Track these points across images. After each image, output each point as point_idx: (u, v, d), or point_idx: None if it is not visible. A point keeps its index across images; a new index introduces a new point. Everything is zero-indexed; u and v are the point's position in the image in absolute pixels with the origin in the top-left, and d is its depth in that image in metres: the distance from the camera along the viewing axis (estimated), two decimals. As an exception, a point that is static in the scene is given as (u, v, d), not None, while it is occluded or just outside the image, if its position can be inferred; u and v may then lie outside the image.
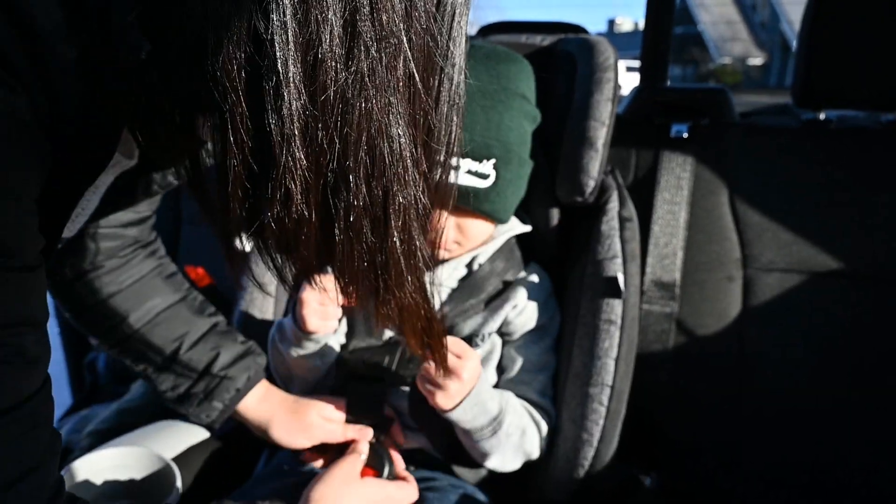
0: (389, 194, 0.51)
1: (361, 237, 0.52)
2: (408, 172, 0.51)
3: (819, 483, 1.30)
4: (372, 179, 0.49)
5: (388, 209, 0.52)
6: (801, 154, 1.34)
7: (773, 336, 1.33)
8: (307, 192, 0.48)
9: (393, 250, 0.54)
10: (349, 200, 0.50)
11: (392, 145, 0.49)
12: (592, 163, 1.07)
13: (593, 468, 1.00)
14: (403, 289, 0.58)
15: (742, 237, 1.35)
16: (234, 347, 0.99)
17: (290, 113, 0.45)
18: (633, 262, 1.05)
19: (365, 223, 0.51)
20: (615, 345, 1.00)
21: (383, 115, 0.48)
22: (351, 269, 0.54)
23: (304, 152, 0.47)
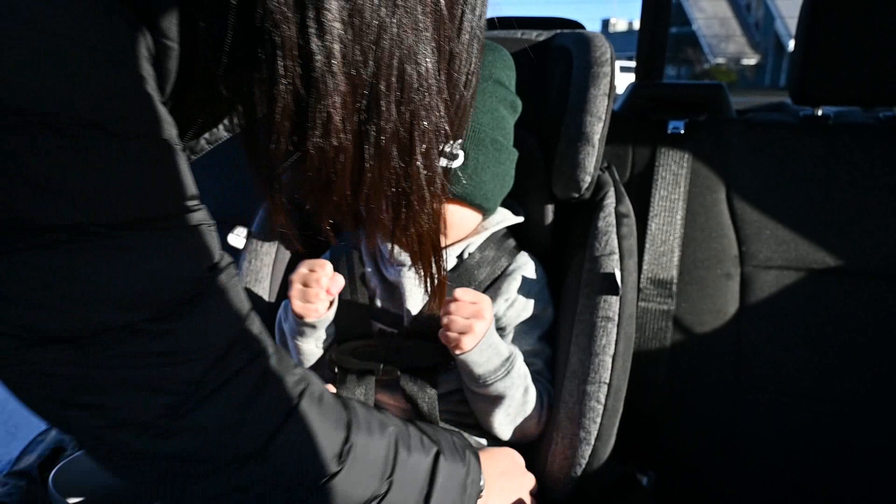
0: (416, 118, 0.55)
1: (389, 161, 0.56)
2: (432, 97, 0.55)
3: (817, 481, 1.30)
4: (401, 104, 0.54)
5: (414, 133, 0.56)
6: (799, 150, 1.33)
7: (771, 333, 1.32)
8: (345, 118, 0.52)
9: (416, 175, 0.59)
10: (380, 125, 0.54)
11: (419, 69, 0.53)
12: (588, 158, 1.06)
13: (590, 466, 0.99)
14: (423, 214, 0.63)
15: (739, 234, 1.34)
16: None
17: (332, 36, 0.49)
18: (631, 259, 1.05)
19: (393, 147, 0.55)
20: (612, 342, 0.99)
21: (412, 39, 0.52)
22: (378, 196, 0.58)
23: (343, 76, 0.50)
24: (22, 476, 1.08)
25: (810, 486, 1.30)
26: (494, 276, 1.05)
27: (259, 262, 1.19)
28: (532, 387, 1.00)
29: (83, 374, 0.47)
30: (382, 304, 1.06)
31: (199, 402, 0.50)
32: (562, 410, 1.00)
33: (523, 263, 1.07)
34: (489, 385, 0.94)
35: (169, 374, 0.49)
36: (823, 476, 1.30)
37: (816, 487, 1.30)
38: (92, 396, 0.48)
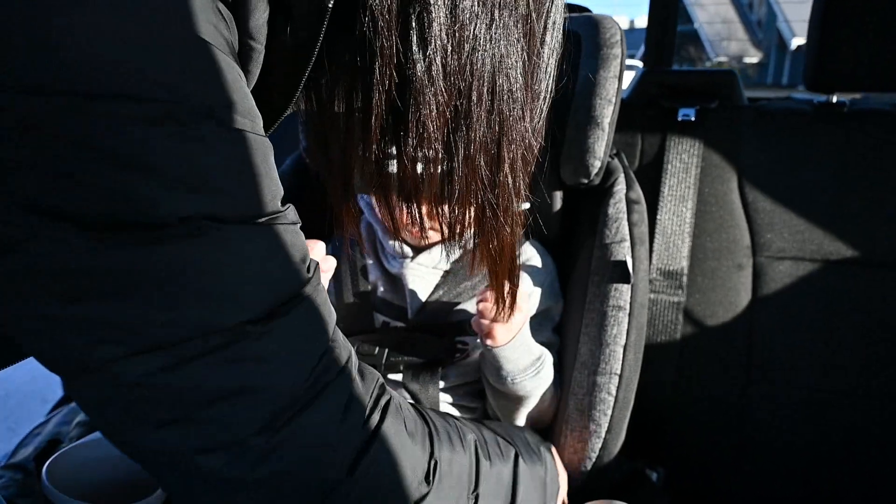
0: (504, 129, 0.55)
1: (477, 173, 0.56)
2: (519, 108, 0.56)
3: (829, 477, 1.27)
4: (491, 114, 0.54)
5: (502, 145, 0.56)
6: (813, 138, 1.30)
7: (784, 326, 1.29)
8: (440, 129, 0.53)
9: (504, 186, 0.59)
10: (469, 135, 0.54)
11: (510, 81, 0.54)
12: (598, 143, 1.03)
13: (601, 460, 0.96)
14: (507, 226, 0.62)
15: (752, 224, 1.32)
16: None
17: (434, 47, 0.50)
18: (642, 246, 1.02)
19: (481, 158, 0.56)
20: (623, 332, 0.97)
21: (504, 51, 0.53)
22: (465, 206, 0.59)
23: (442, 86, 0.51)
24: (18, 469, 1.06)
25: (822, 482, 1.28)
26: None
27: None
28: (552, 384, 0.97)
29: (182, 386, 0.44)
30: (385, 296, 1.03)
31: (298, 413, 0.47)
32: (571, 403, 0.97)
33: (532, 255, 1.05)
34: (516, 383, 0.91)
35: (268, 382, 0.46)
36: (835, 471, 1.27)
37: (828, 483, 1.27)
38: (188, 411, 0.44)
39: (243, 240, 0.45)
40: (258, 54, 0.51)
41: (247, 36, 0.50)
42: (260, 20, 0.50)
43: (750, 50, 23.30)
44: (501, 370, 0.89)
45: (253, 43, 0.50)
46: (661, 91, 1.42)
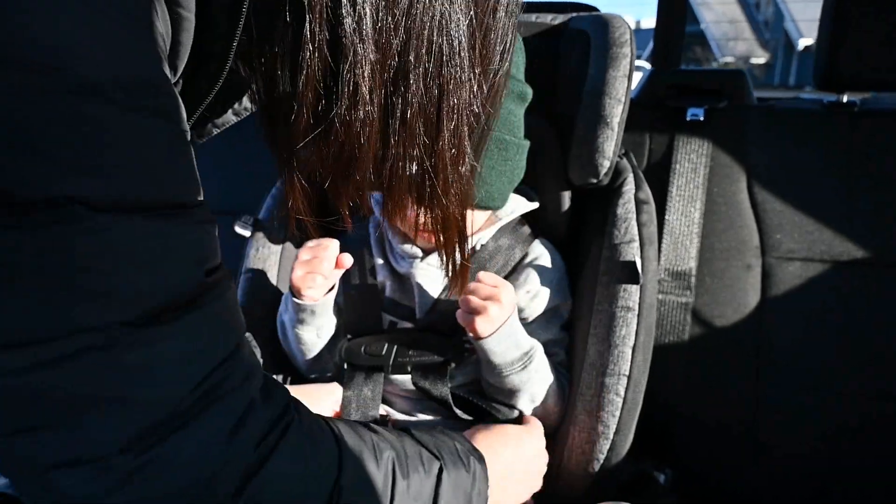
0: (444, 94, 0.52)
1: (415, 138, 0.53)
2: (463, 73, 0.52)
3: (840, 480, 1.26)
4: (429, 77, 0.51)
5: (442, 110, 0.53)
6: (823, 138, 1.29)
7: (793, 327, 1.28)
8: (373, 89, 0.50)
9: (443, 154, 0.56)
10: (406, 98, 0.51)
11: (451, 42, 0.51)
12: (608, 142, 1.02)
13: (608, 462, 0.95)
14: (449, 196, 0.59)
15: (761, 224, 1.31)
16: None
17: (364, 2, 0.47)
18: (651, 247, 1.01)
19: (419, 123, 0.53)
20: (632, 332, 0.96)
21: (446, 10, 0.50)
22: (402, 174, 0.55)
23: (373, 43, 0.48)
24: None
25: (832, 485, 1.26)
26: (510, 267, 1.02)
27: (266, 251, 1.16)
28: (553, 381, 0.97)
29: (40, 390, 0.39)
30: (393, 296, 1.03)
31: (174, 431, 0.42)
32: (579, 404, 0.97)
33: (541, 253, 1.04)
34: (504, 377, 0.91)
35: (142, 395, 0.41)
36: (845, 475, 1.26)
37: (838, 486, 1.26)
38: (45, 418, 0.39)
39: (123, 231, 0.40)
40: (188, 23, 0.48)
41: (175, 3, 0.47)
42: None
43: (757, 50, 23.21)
44: (490, 363, 0.90)
45: (182, 11, 0.47)
46: (670, 91, 1.41)
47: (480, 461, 0.72)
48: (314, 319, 0.98)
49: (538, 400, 0.95)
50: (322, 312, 0.98)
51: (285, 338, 1.03)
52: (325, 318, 0.99)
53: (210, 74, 0.54)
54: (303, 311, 0.97)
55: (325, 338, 1.01)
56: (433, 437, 0.70)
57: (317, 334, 1.00)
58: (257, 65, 0.53)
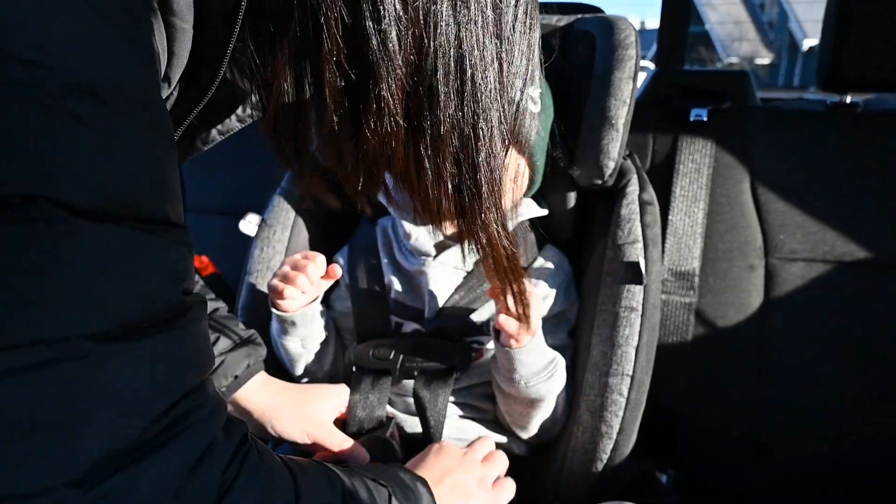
0: (477, 109, 0.53)
1: (448, 153, 0.54)
2: (493, 87, 0.53)
3: (843, 481, 1.26)
4: (461, 93, 0.52)
5: (477, 124, 0.53)
6: (827, 138, 1.29)
7: (797, 328, 1.28)
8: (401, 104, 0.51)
9: (482, 168, 0.56)
10: (436, 113, 0.52)
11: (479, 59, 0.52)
12: (613, 144, 1.02)
13: (612, 462, 0.96)
14: (489, 214, 0.60)
15: (764, 225, 1.31)
16: (234, 334, 0.95)
17: (389, 20, 0.47)
18: (655, 248, 1.01)
19: (453, 140, 0.53)
20: (636, 333, 0.96)
21: (469, 28, 0.50)
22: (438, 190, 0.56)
23: (400, 59, 0.49)
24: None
25: (835, 487, 1.26)
26: None
27: (271, 251, 1.17)
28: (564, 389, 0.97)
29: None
30: (399, 298, 1.03)
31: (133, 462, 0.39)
32: (582, 404, 0.97)
33: (549, 258, 1.05)
34: (530, 387, 0.90)
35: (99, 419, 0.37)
36: (848, 476, 1.26)
37: (841, 488, 1.26)
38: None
39: (102, 238, 0.38)
40: (184, 33, 0.48)
41: (171, 14, 0.46)
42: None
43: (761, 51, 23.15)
44: (514, 373, 0.89)
45: (178, 22, 0.47)
46: (673, 91, 1.41)
47: (425, 483, 0.73)
48: (296, 330, 0.98)
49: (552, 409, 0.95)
50: (304, 323, 0.97)
51: (275, 345, 1.03)
52: (310, 328, 0.99)
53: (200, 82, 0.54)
54: (283, 322, 0.96)
55: (311, 348, 1.01)
56: (374, 468, 0.70)
57: (301, 345, 1.00)
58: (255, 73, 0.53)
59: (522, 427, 0.97)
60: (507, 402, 0.95)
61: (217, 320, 0.94)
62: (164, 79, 0.48)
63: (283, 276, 0.93)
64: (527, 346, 0.87)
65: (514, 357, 0.87)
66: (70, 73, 0.37)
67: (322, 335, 1.01)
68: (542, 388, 0.91)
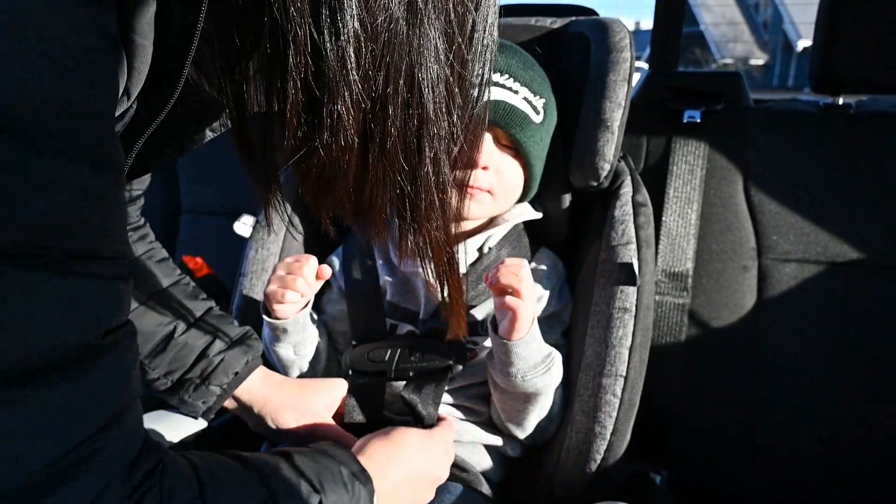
0: (423, 123, 0.54)
1: (394, 163, 0.55)
2: (442, 104, 0.54)
3: (837, 481, 1.27)
4: (409, 108, 0.53)
5: (422, 139, 0.55)
6: (819, 140, 1.30)
7: (790, 328, 1.29)
8: (355, 119, 0.51)
9: (425, 179, 0.57)
10: (385, 127, 0.53)
11: (430, 75, 0.52)
12: (608, 146, 1.03)
13: (605, 462, 0.96)
14: (430, 222, 0.61)
15: (757, 226, 1.31)
16: (230, 331, 0.95)
17: (347, 36, 0.48)
18: (648, 249, 1.02)
19: (399, 150, 0.54)
20: (629, 333, 0.96)
21: (423, 45, 0.51)
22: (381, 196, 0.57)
23: (357, 76, 0.50)
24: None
25: (829, 487, 1.27)
26: None
27: (266, 252, 1.17)
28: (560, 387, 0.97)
29: None
30: (396, 299, 1.03)
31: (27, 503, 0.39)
32: (576, 404, 0.97)
33: (543, 261, 1.05)
34: (527, 380, 0.90)
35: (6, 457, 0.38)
36: (842, 476, 1.27)
37: (835, 488, 1.27)
38: None
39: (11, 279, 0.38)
40: (144, 49, 0.49)
41: (131, 31, 0.47)
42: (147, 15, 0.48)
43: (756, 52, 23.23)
44: (511, 366, 0.89)
45: (138, 38, 0.48)
46: (667, 93, 1.42)
47: (367, 483, 0.70)
48: (288, 337, 0.97)
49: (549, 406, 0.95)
50: (296, 330, 0.97)
51: (267, 352, 1.02)
52: (302, 335, 0.98)
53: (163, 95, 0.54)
54: (275, 329, 0.96)
55: (304, 354, 1.01)
56: (317, 462, 0.67)
57: (294, 351, 1.00)
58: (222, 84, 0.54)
59: (518, 425, 0.97)
60: (504, 398, 0.95)
61: (209, 322, 0.95)
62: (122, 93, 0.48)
63: (281, 281, 0.93)
64: (524, 338, 0.87)
65: (511, 350, 0.87)
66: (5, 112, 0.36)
67: (314, 341, 1.02)
68: (538, 381, 0.91)
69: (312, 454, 0.68)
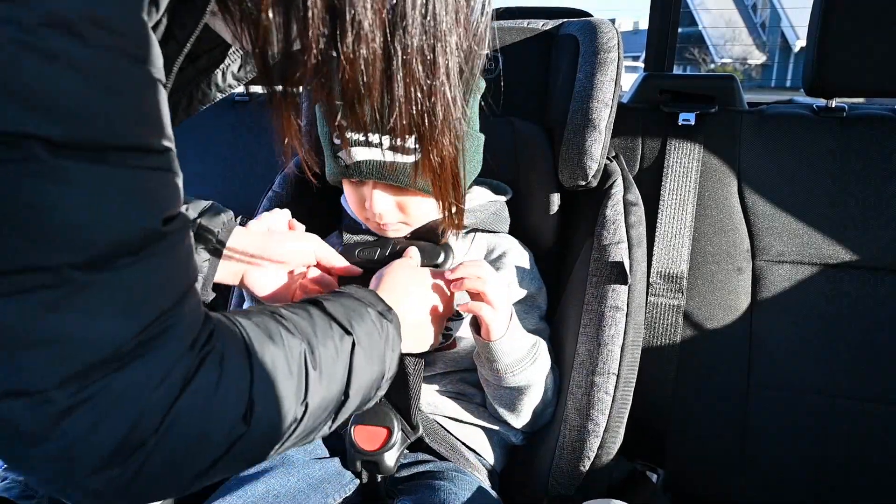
0: (438, 37, 0.57)
1: (415, 76, 0.57)
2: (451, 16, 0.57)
3: (831, 480, 1.27)
4: (426, 18, 0.55)
5: (437, 49, 0.57)
6: (813, 142, 1.31)
7: (784, 329, 1.30)
8: (374, 27, 0.53)
9: (440, 93, 0.60)
10: (405, 39, 0.55)
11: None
12: (595, 145, 1.04)
13: (599, 459, 0.97)
14: (445, 135, 0.64)
15: (751, 228, 1.32)
16: (198, 203, 0.94)
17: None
18: (640, 248, 1.03)
19: (418, 63, 0.57)
20: (621, 332, 0.97)
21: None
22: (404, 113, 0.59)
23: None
24: (21, 470, 1.07)
25: (823, 486, 1.28)
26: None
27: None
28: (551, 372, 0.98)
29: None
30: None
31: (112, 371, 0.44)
32: (569, 402, 0.98)
33: (509, 246, 1.05)
34: (516, 374, 0.91)
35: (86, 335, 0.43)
36: (837, 474, 1.27)
37: (829, 487, 1.28)
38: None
39: (80, 173, 0.41)
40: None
41: None
42: None
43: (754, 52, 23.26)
44: (497, 363, 0.89)
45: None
46: (662, 95, 1.42)
47: (393, 319, 0.73)
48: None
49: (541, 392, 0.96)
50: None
51: None
52: None
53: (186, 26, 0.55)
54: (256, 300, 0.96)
55: None
56: (345, 306, 0.69)
57: None
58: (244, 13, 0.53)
59: (515, 413, 0.97)
60: (496, 393, 0.96)
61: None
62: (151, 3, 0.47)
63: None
64: (506, 336, 0.88)
65: (493, 349, 0.88)
66: (45, 9, 0.38)
67: None
68: (527, 374, 0.92)
69: (339, 298, 0.71)
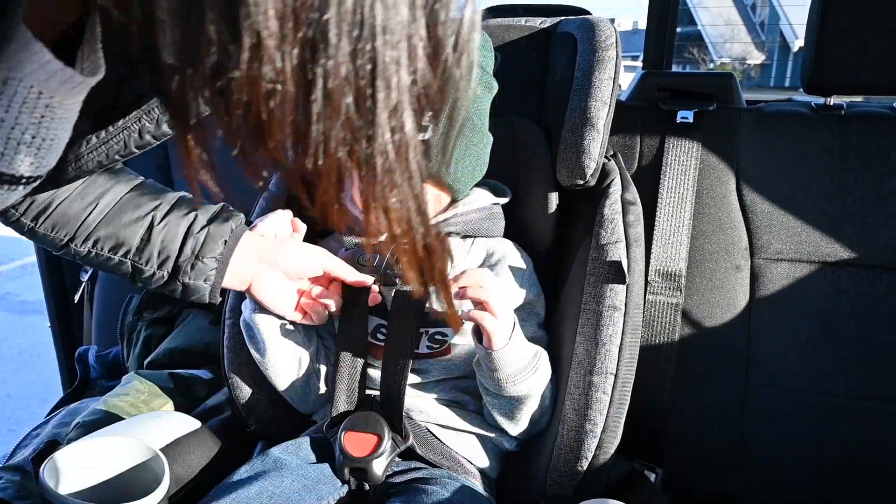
0: (378, 66, 0.41)
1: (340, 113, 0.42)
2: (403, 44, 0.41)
3: (829, 479, 1.27)
4: (359, 40, 0.40)
5: (377, 83, 0.41)
6: (811, 140, 1.30)
7: (782, 327, 1.29)
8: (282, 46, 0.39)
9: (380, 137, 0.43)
10: (327, 65, 0.39)
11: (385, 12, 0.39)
12: (593, 144, 1.04)
13: (597, 459, 0.96)
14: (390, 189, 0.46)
15: (750, 226, 1.32)
16: (207, 209, 0.94)
17: None
18: (638, 247, 1.02)
19: (347, 96, 0.42)
20: (619, 332, 0.97)
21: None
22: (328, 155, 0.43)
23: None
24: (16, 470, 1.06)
25: (822, 485, 1.27)
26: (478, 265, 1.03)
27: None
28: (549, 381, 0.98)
29: None
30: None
31: None
32: (567, 402, 0.98)
33: (507, 252, 1.05)
34: (517, 384, 0.90)
35: None
36: (835, 472, 1.27)
37: (828, 486, 1.27)
38: None
39: None
40: None
41: None
42: None
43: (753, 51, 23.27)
44: (499, 373, 0.89)
45: None
46: (660, 93, 1.42)
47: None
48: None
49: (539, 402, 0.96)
50: None
51: (251, 338, 1.01)
52: None
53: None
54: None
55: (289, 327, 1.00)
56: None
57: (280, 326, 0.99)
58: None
59: (514, 421, 0.97)
60: (496, 401, 0.95)
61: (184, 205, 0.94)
62: None
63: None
64: (509, 346, 0.87)
65: (495, 358, 0.88)
66: None
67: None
68: (528, 383, 0.91)
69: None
